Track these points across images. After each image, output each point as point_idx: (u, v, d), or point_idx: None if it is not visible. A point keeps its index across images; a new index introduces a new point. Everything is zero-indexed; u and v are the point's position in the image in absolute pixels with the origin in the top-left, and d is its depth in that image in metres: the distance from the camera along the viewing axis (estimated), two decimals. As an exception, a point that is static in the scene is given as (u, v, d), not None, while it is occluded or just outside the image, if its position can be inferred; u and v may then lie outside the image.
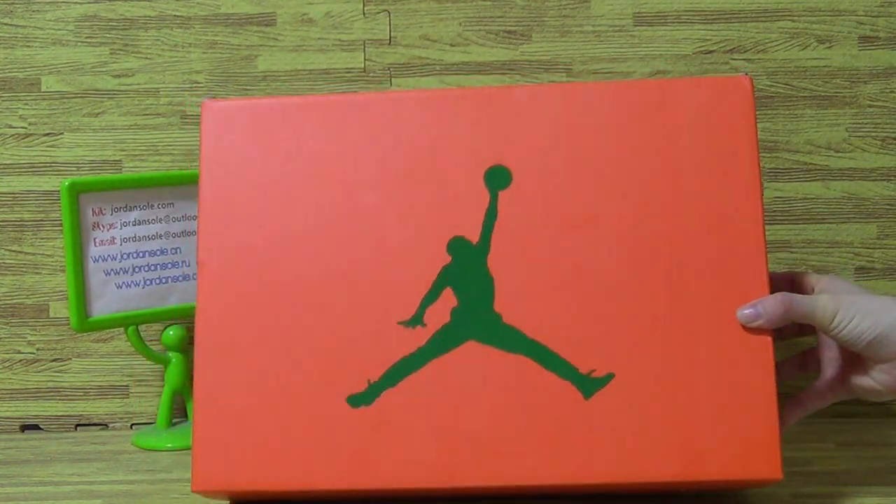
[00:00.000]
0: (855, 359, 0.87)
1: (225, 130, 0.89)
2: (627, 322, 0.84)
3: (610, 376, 0.84)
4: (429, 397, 0.84)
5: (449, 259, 0.86)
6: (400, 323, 0.85)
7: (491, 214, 0.86)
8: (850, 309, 0.83)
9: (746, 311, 0.84)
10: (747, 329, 0.83)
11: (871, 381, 0.86)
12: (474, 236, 0.86)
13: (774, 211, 1.17)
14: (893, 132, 1.17)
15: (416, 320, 0.85)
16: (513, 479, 0.83)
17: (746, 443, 0.82)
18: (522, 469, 0.83)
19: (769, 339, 0.84)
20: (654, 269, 0.85)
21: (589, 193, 0.86)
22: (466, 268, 0.86)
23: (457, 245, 0.86)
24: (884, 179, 1.17)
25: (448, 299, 0.85)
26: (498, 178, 0.87)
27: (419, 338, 0.85)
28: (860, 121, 1.17)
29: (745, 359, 0.83)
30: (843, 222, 1.17)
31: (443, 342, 0.85)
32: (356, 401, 0.85)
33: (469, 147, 0.87)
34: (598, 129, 0.87)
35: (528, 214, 0.86)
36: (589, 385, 0.84)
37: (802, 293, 0.88)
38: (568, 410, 0.83)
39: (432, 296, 0.85)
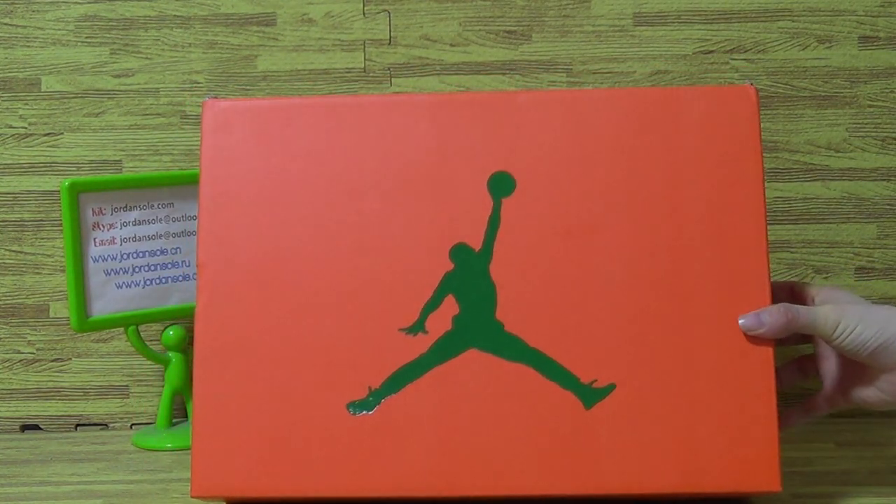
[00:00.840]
0: (857, 369, 0.87)
1: (226, 131, 0.88)
2: (629, 332, 0.84)
3: (611, 387, 0.84)
4: (430, 405, 0.84)
5: (451, 266, 0.86)
6: (401, 330, 0.85)
7: (494, 221, 0.86)
8: (853, 318, 0.83)
9: (749, 320, 0.84)
10: (749, 341, 0.83)
11: (876, 390, 0.86)
12: (477, 243, 0.86)
13: (774, 211, 1.17)
14: (893, 132, 1.17)
15: (418, 327, 0.85)
16: (512, 490, 0.83)
17: (746, 455, 0.83)
18: (522, 479, 0.83)
19: (770, 350, 0.84)
20: (656, 279, 0.85)
21: (593, 201, 0.86)
22: (468, 275, 0.85)
23: (459, 252, 0.86)
24: (884, 179, 1.17)
25: (450, 306, 0.85)
26: (501, 185, 0.86)
27: (421, 345, 0.85)
28: (860, 121, 1.17)
29: (746, 371, 0.83)
30: (843, 222, 1.17)
31: (444, 350, 0.85)
32: (357, 408, 0.85)
33: (472, 153, 0.87)
34: (603, 136, 0.86)
35: (532, 222, 0.85)
36: (590, 395, 0.84)
37: (802, 304, 0.88)
38: (569, 421, 0.83)
39: (434, 303, 0.85)
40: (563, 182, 0.86)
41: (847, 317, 0.83)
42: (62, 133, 1.20)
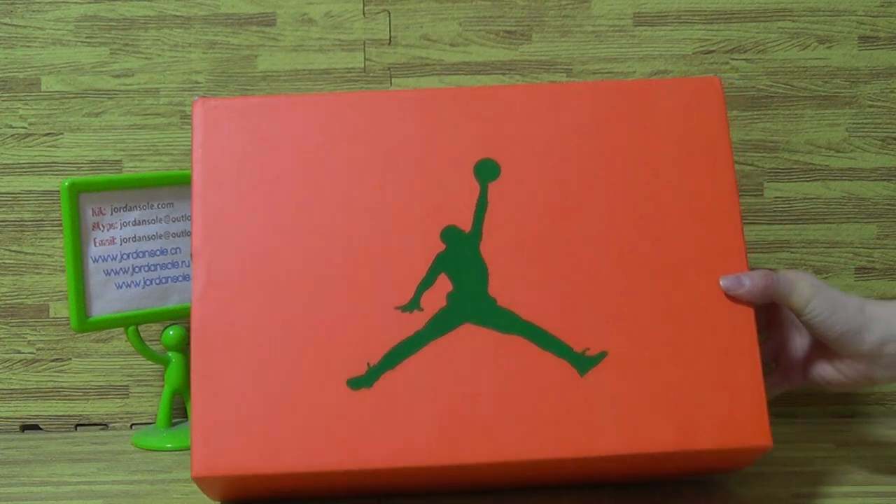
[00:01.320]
0: (822, 349, 0.90)
1: (217, 127, 0.90)
2: (618, 303, 0.87)
3: (603, 354, 0.86)
4: (428, 378, 0.86)
5: (443, 247, 0.88)
6: (398, 308, 0.87)
7: (481, 204, 0.89)
8: (825, 300, 0.86)
9: (730, 281, 0.87)
10: (730, 305, 0.87)
11: (837, 372, 0.89)
12: (466, 225, 0.89)
13: (774, 211, 1.17)
14: (893, 132, 1.17)
15: (414, 305, 0.87)
16: (512, 455, 0.84)
17: (735, 412, 0.85)
18: (522, 445, 0.85)
19: (751, 313, 0.87)
20: (639, 253, 0.88)
21: (573, 183, 0.90)
22: (460, 255, 0.88)
23: (450, 233, 0.88)
24: (884, 179, 1.17)
25: (444, 285, 0.87)
26: (487, 171, 0.90)
27: (417, 322, 0.87)
28: (860, 121, 1.17)
29: (729, 334, 0.87)
30: (843, 222, 1.17)
31: (440, 325, 0.87)
32: (357, 383, 0.86)
33: (459, 142, 0.90)
34: (581, 125, 0.91)
35: (517, 204, 0.89)
36: (584, 363, 0.86)
37: None
38: (564, 387, 0.86)
39: (428, 281, 0.87)
40: (544, 167, 0.90)
41: (821, 295, 0.86)
42: (62, 133, 1.20)
